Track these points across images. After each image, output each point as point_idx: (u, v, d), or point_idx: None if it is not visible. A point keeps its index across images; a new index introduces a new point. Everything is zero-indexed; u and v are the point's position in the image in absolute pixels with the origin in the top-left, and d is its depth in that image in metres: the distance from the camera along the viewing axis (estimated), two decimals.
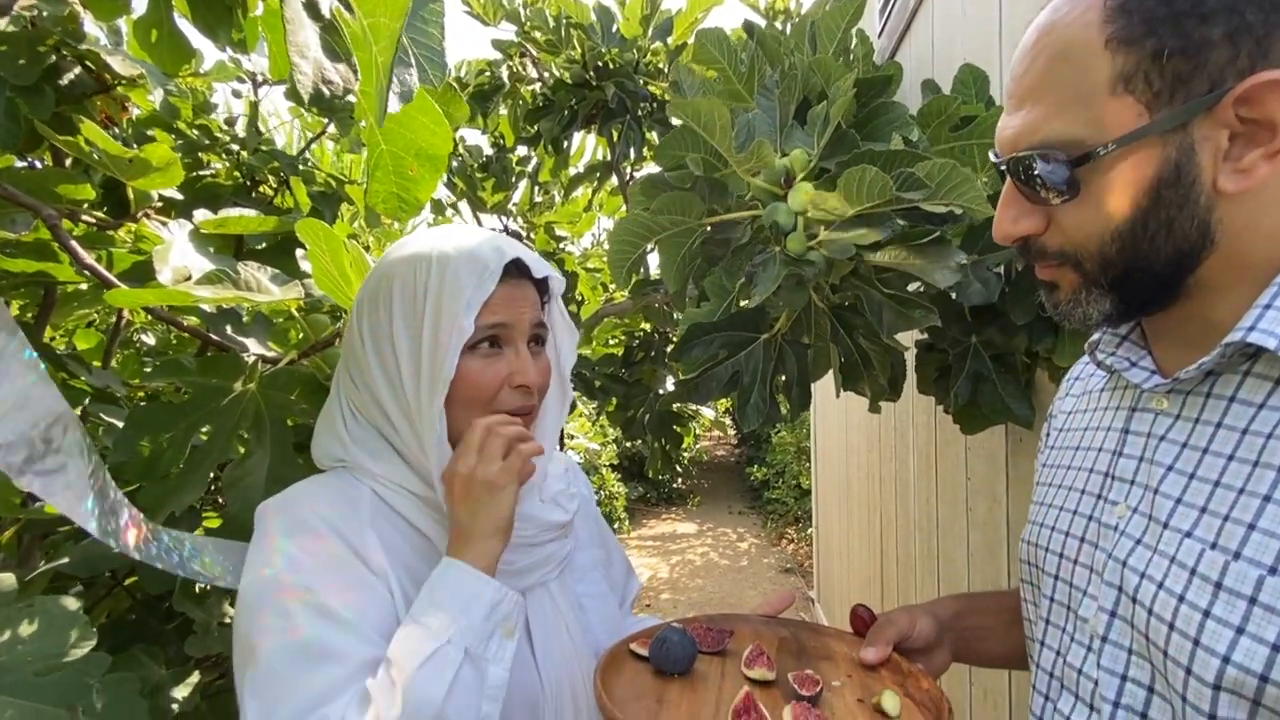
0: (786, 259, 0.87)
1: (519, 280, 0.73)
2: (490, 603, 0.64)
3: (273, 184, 1.36)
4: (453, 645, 0.60)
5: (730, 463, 10.86)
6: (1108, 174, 0.51)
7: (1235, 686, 0.44)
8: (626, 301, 2.30)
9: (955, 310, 1.10)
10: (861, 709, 0.64)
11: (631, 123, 2.28)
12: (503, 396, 0.72)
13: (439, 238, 0.73)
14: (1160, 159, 0.50)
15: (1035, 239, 0.57)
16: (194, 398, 0.93)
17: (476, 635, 0.62)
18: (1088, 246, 0.54)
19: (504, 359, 0.72)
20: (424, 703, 0.57)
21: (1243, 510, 0.47)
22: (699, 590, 5.24)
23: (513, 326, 0.72)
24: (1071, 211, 0.54)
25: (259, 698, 0.60)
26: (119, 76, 1.11)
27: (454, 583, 0.64)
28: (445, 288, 0.68)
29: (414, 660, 0.58)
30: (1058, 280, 0.57)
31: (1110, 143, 0.50)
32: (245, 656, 0.62)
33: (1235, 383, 0.51)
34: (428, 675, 0.58)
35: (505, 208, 2.86)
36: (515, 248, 0.73)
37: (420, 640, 0.60)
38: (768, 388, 1.02)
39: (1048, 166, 0.52)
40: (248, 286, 0.95)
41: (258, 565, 0.65)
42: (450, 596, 0.63)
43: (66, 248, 0.96)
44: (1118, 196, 0.51)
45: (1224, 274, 0.52)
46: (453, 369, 0.68)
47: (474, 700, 0.60)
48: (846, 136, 0.93)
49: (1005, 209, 0.57)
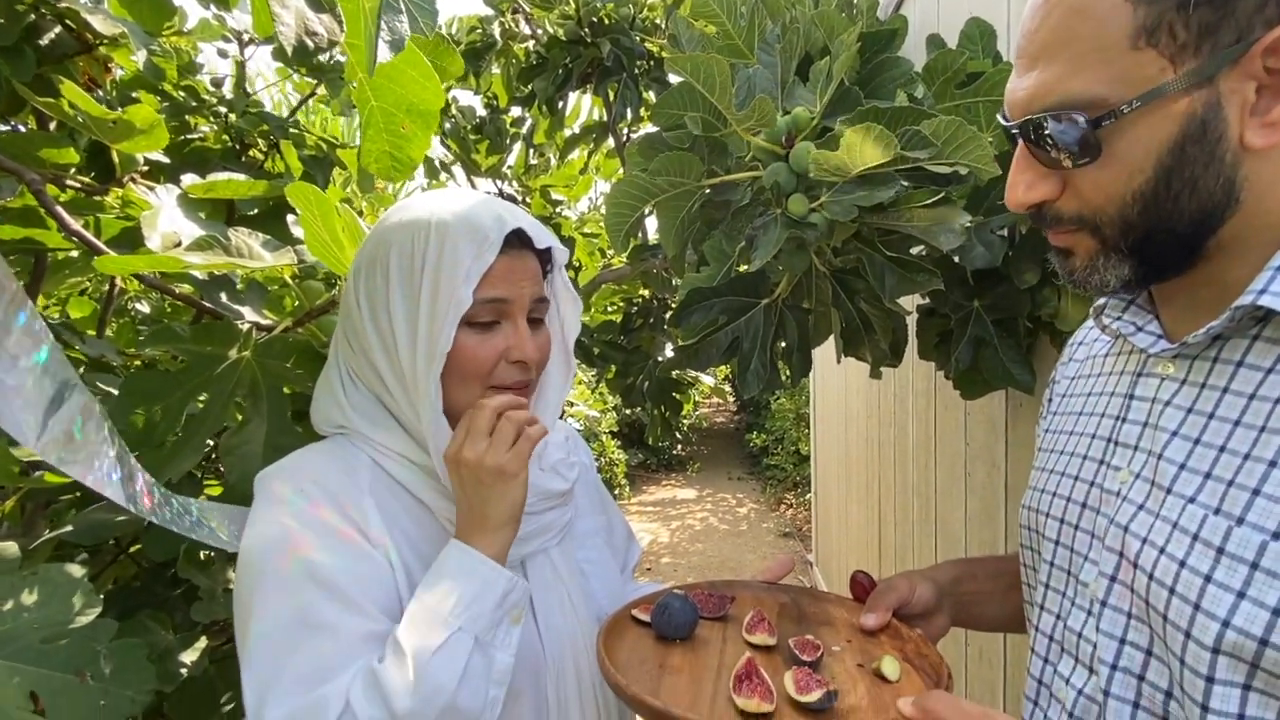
0: (788, 221, 0.85)
1: (520, 251, 0.71)
2: (502, 593, 0.64)
3: (262, 148, 1.33)
4: (464, 633, 0.60)
5: (729, 429, 10.92)
6: (1129, 133, 0.49)
7: (1234, 650, 0.44)
8: (625, 267, 2.28)
9: (958, 274, 1.08)
10: (862, 673, 0.64)
11: (628, 81, 2.22)
12: (499, 371, 0.71)
13: (438, 203, 0.70)
14: (1185, 115, 0.47)
15: (1050, 204, 0.55)
16: (189, 366, 0.92)
17: (486, 623, 0.62)
18: (1107, 210, 0.51)
19: (501, 333, 0.71)
20: (437, 691, 0.58)
21: (1247, 476, 0.46)
22: (699, 554, 5.31)
23: (512, 302, 0.70)
24: (1090, 174, 0.51)
25: (255, 670, 0.60)
26: (100, 36, 1.07)
27: (466, 570, 0.63)
28: (444, 258, 0.67)
29: (426, 648, 0.59)
30: (1073, 247, 0.55)
31: (1133, 100, 0.48)
32: (243, 627, 0.63)
33: (1243, 347, 0.50)
34: (441, 663, 0.58)
35: (500, 171, 2.81)
36: (517, 216, 0.71)
37: (432, 627, 0.60)
38: (768, 353, 1.01)
39: (1064, 128, 0.50)
40: (239, 253, 0.93)
41: (255, 535, 0.65)
42: (462, 584, 0.62)
43: (53, 214, 0.94)
44: (1140, 156, 0.49)
45: (1244, 235, 0.50)
46: (449, 342, 0.67)
47: (482, 686, 0.61)
48: (850, 93, 0.90)
49: (1018, 174, 0.55)
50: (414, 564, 0.68)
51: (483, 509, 0.66)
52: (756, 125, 0.86)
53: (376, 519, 0.67)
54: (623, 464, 7.23)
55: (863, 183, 0.84)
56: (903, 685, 0.62)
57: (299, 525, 0.64)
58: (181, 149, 1.25)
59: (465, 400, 0.71)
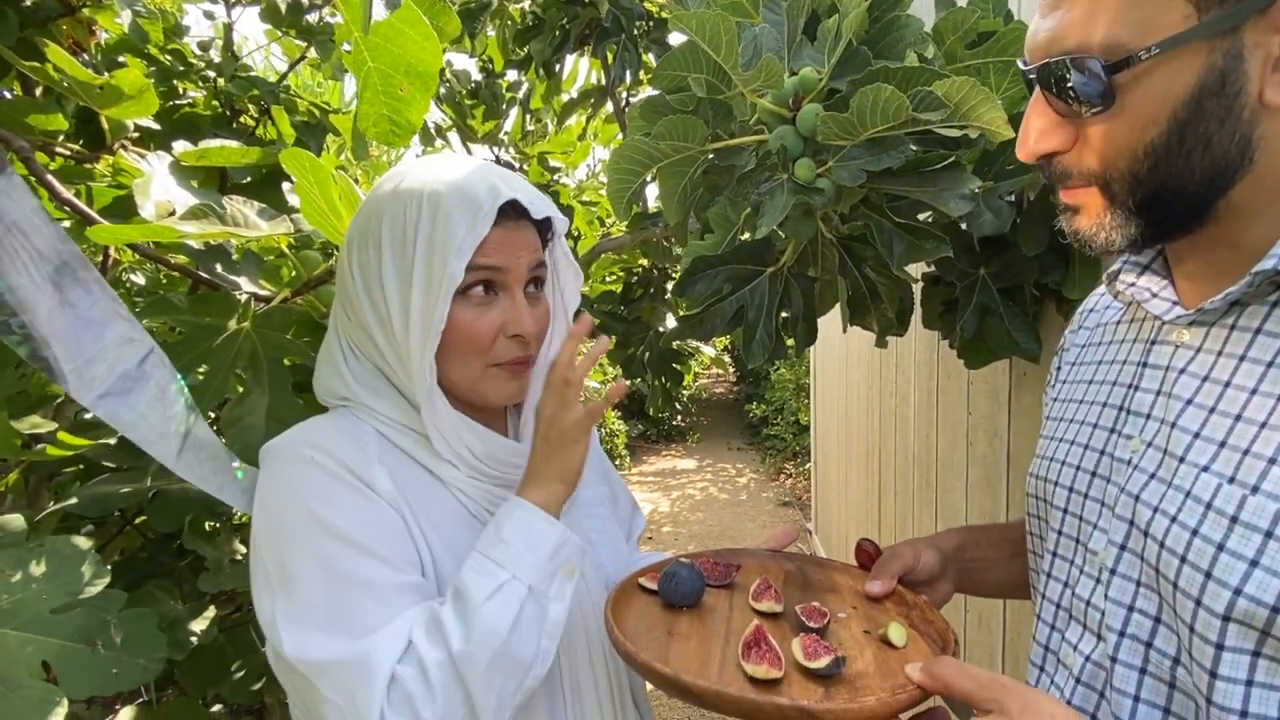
0: (795, 186, 0.83)
1: (516, 222, 0.69)
2: (555, 543, 0.65)
3: (253, 113, 1.30)
4: (518, 581, 0.62)
5: (729, 400, 10.95)
6: (1146, 82, 0.47)
7: (1245, 617, 0.44)
8: (624, 236, 2.25)
9: (964, 241, 1.06)
10: (868, 640, 0.65)
11: (627, 43, 2.17)
12: (498, 347, 0.70)
13: (431, 171, 0.68)
14: (1205, 66, 0.46)
15: (1060, 157, 0.53)
16: (188, 337, 0.91)
17: (541, 573, 0.63)
18: (1118, 165, 0.50)
19: (498, 306, 0.69)
20: (490, 633, 0.59)
21: (1264, 444, 0.46)
22: (699, 524, 5.37)
23: (508, 271, 0.68)
24: (1103, 125, 0.50)
25: (293, 625, 0.60)
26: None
27: (520, 521, 0.65)
28: (436, 230, 0.65)
29: (481, 592, 0.60)
30: (1081, 204, 0.54)
31: (1153, 45, 0.46)
32: (269, 592, 0.62)
33: (1263, 314, 0.49)
34: (495, 607, 0.60)
35: (496, 137, 2.76)
36: (512, 185, 0.68)
37: (487, 573, 0.62)
38: (773, 323, 1.00)
39: (1082, 74, 0.48)
40: (234, 222, 0.91)
41: (270, 503, 0.65)
42: (516, 534, 0.64)
43: (43, 182, 0.91)
44: (1155, 107, 0.47)
45: (1257, 196, 0.49)
46: (443, 319, 0.65)
47: (535, 634, 0.62)
48: (858, 53, 0.87)
49: (1030, 123, 0.53)
50: (429, 529, 0.68)
51: (542, 464, 0.68)
52: (763, 86, 0.84)
53: (387, 482, 0.67)
54: (623, 435, 7.27)
55: (871, 146, 0.82)
56: (909, 651, 0.63)
57: (312, 489, 0.64)
58: (171, 115, 1.22)
59: (464, 376, 0.70)
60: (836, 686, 0.57)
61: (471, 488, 0.71)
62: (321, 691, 0.58)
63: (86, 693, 0.72)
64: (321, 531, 0.62)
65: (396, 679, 0.58)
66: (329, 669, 0.58)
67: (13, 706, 0.65)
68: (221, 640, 1.16)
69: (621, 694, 0.76)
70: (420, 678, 0.58)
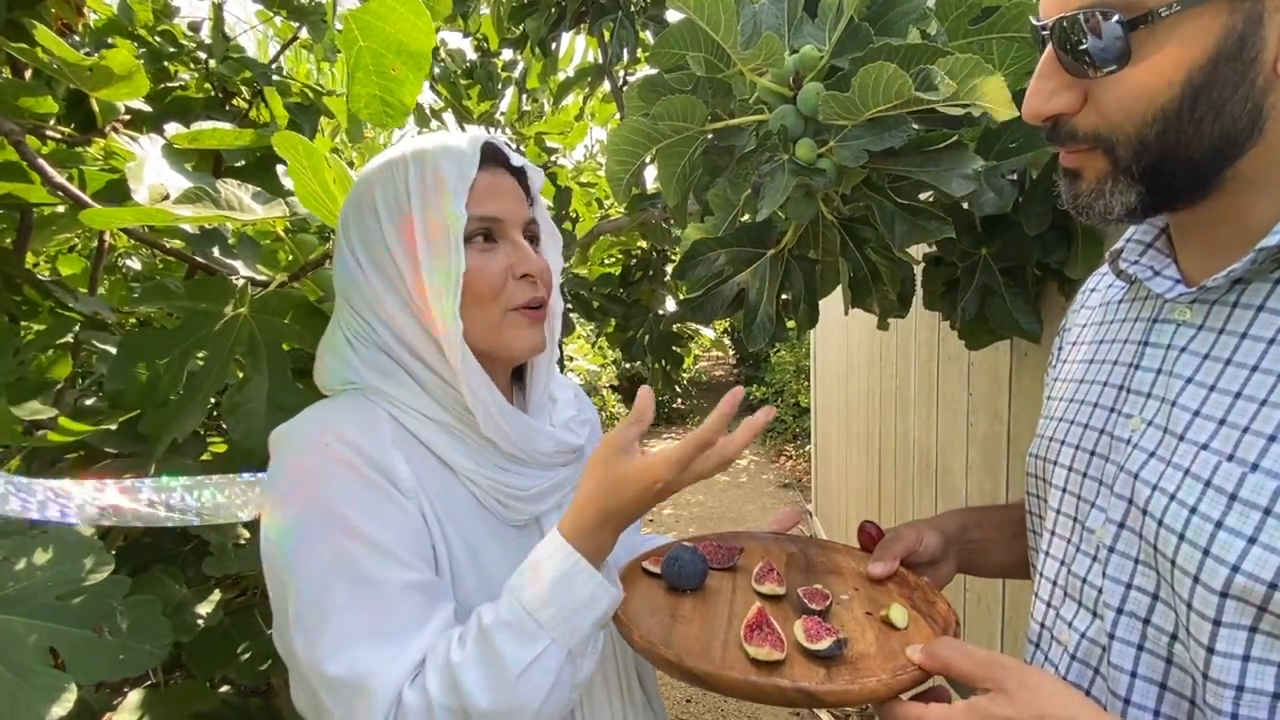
0: (796, 167, 0.82)
1: (498, 168, 0.72)
2: (606, 611, 0.60)
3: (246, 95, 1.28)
4: (557, 645, 0.58)
5: (729, 382, 10.97)
6: (1163, 41, 0.46)
7: (1243, 594, 0.44)
8: (623, 218, 2.23)
9: (965, 221, 1.05)
10: (870, 621, 0.65)
11: (624, 20, 2.13)
12: (510, 291, 0.70)
13: (411, 141, 0.71)
14: (1224, 28, 0.45)
15: (1066, 119, 0.52)
16: (186, 323, 0.91)
17: (582, 639, 0.59)
18: (1125, 128, 0.49)
19: (502, 250, 0.70)
20: (524, 707, 0.56)
21: (1263, 422, 0.46)
22: (700, 505, 5.40)
23: (504, 220, 0.70)
24: (1114, 86, 0.49)
25: (304, 628, 0.59)
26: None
27: (569, 582, 0.59)
28: (427, 182, 0.67)
29: (518, 662, 0.56)
30: (1083, 168, 0.53)
31: (1174, 3, 0.45)
32: (283, 588, 0.61)
33: (1265, 291, 0.49)
34: (532, 679, 0.56)
35: (493, 118, 2.73)
36: (489, 136, 0.72)
37: (526, 638, 0.57)
38: (774, 306, 1.00)
39: (1098, 30, 0.47)
40: (229, 205, 0.90)
41: (289, 498, 0.63)
42: (563, 594, 0.58)
43: (35, 166, 0.90)
44: (1170, 69, 0.46)
45: (1265, 170, 0.48)
46: (461, 263, 0.66)
47: (566, 694, 0.59)
48: (860, 30, 0.85)
49: (1040, 82, 0.52)
50: (445, 520, 0.67)
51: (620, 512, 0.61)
52: (763, 65, 0.82)
53: (404, 470, 0.66)
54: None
55: (873, 126, 0.80)
56: (910, 632, 0.63)
57: (325, 480, 0.63)
58: (162, 97, 1.20)
59: (483, 325, 0.69)
60: (838, 668, 0.57)
61: (481, 478, 0.70)
62: (323, 699, 0.59)
63: (94, 678, 0.72)
64: (332, 528, 0.61)
65: (404, 706, 0.56)
66: (332, 683, 0.58)
67: (23, 692, 0.65)
68: (227, 623, 1.17)
69: (629, 678, 0.76)
70: (424, 714, 0.56)
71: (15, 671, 0.66)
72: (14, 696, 0.65)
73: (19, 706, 0.65)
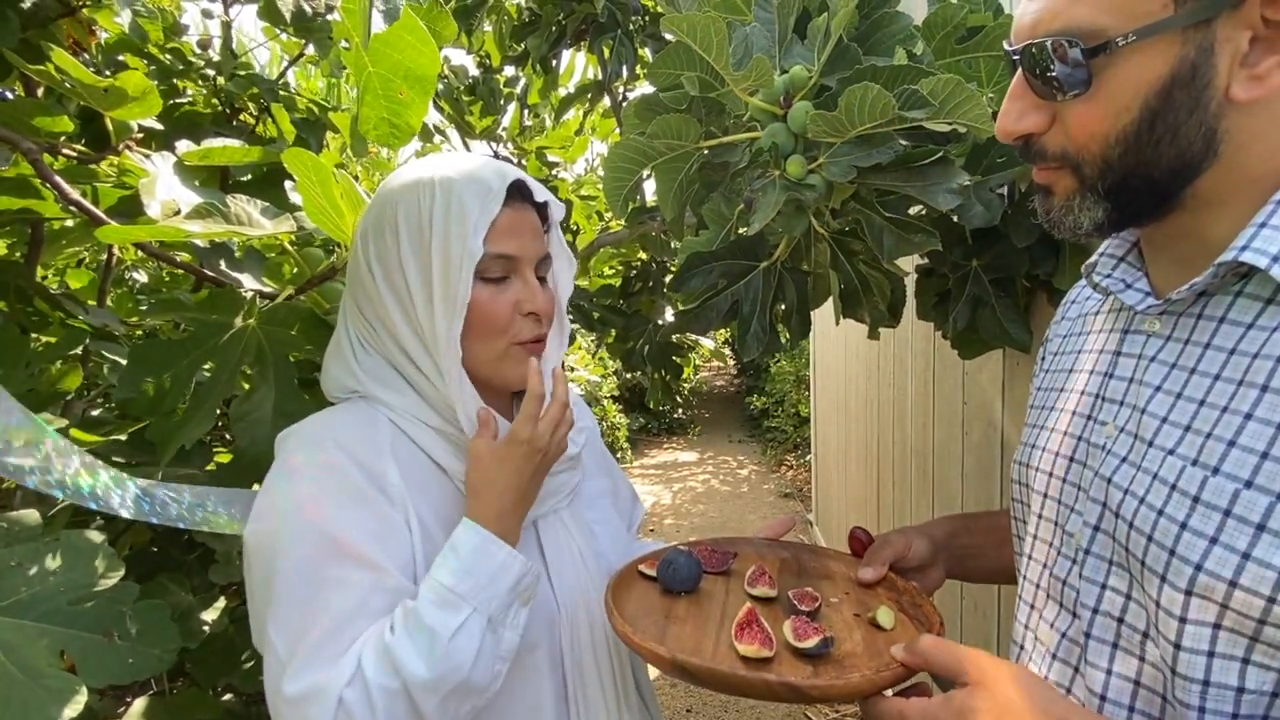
0: (786, 183, 0.85)
1: (522, 204, 0.73)
2: (517, 577, 0.66)
3: (253, 111, 1.31)
4: (478, 614, 0.63)
5: (730, 392, 10.97)
6: (1121, 69, 0.49)
7: (1205, 591, 0.46)
8: (623, 230, 2.26)
9: (956, 233, 1.08)
10: (858, 622, 0.67)
11: (623, 38, 2.17)
12: (517, 326, 0.73)
13: (439, 163, 0.72)
14: (1177, 57, 0.48)
15: (1036, 138, 0.55)
16: (194, 334, 0.93)
17: (500, 605, 0.64)
18: (1090, 148, 0.52)
19: (513, 287, 0.73)
20: (455, 669, 0.60)
21: (1225, 428, 0.48)
22: (701, 515, 5.40)
23: (519, 258, 0.72)
24: (1078, 109, 0.52)
25: (282, 631, 0.62)
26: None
27: (482, 553, 0.65)
28: (451, 211, 0.68)
29: (446, 628, 0.61)
30: (1053, 184, 0.56)
31: (1130, 33, 0.48)
32: (265, 591, 0.64)
33: (1226, 304, 0.51)
34: (459, 643, 0.61)
35: (495, 133, 2.77)
36: (516, 171, 0.73)
37: (451, 608, 0.62)
38: (767, 317, 1.02)
39: (1063, 57, 0.50)
40: (238, 220, 0.93)
41: (276, 497, 0.67)
42: (478, 565, 0.64)
43: (50, 183, 0.93)
44: (1129, 94, 0.50)
45: (1223, 189, 0.51)
46: (468, 292, 0.68)
47: (491, 662, 0.64)
48: (848, 51, 0.89)
49: (1011, 103, 0.55)
50: (433, 525, 0.70)
51: (520, 489, 0.69)
52: (754, 85, 0.85)
53: (397, 479, 0.69)
54: (624, 428, 7.29)
55: (861, 143, 0.83)
56: (897, 634, 0.65)
57: (317, 488, 0.66)
58: (172, 114, 1.23)
59: (487, 356, 0.72)
60: (824, 665, 0.59)
61: None
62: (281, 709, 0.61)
63: (105, 681, 0.74)
64: (315, 539, 0.64)
65: (343, 703, 0.59)
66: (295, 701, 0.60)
67: (35, 695, 0.67)
68: (231, 631, 1.18)
69: (624, 678, 0.78)
70: (365, 702, 0.59)
71: (29, 674, 0.68)
72: (28, 699, 0.67)
73: (31, 708, 0.67)
